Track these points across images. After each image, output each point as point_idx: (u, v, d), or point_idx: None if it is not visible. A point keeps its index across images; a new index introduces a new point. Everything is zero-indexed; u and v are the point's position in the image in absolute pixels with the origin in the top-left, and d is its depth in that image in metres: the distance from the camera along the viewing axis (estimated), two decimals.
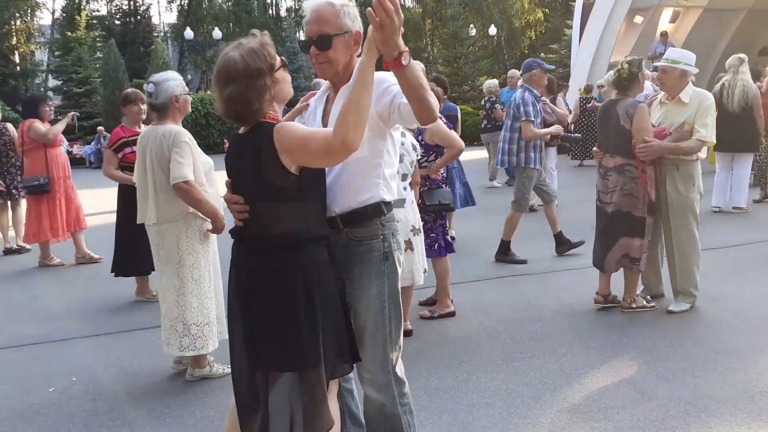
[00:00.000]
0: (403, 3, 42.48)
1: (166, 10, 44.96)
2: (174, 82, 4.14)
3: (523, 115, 6.58)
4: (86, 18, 31.76)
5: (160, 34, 36.19)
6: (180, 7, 41.98)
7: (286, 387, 2.43)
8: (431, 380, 4.08)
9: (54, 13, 35.13)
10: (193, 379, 4.24)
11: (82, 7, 33.91)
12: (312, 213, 2.44)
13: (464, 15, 32.13)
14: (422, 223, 5.02)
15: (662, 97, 5.27)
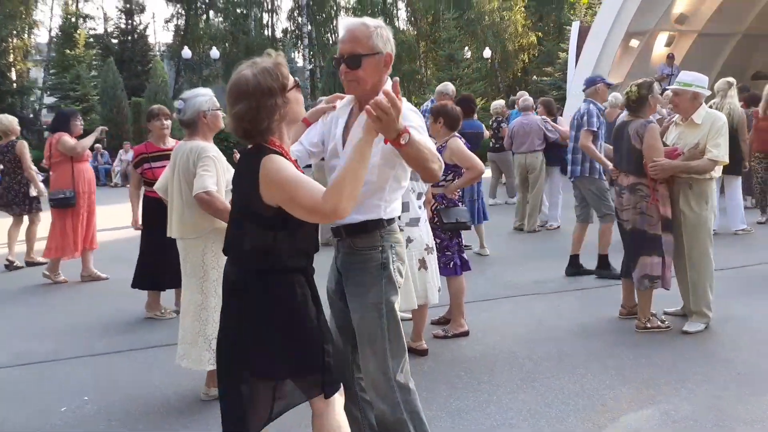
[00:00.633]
0: (398, 26, 42.90)
1: (163, 29, 45.05)
2: (203, 98, 4.13)
3: (585, 124, 6.78)
4: (85, 36, 31.80)
5: (157, 53, 36.21)
6: (176, 27, 42.17)
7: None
8: (451, 401, 4.03)
9: (51, 31, 35.15)
10: (207, 398, 4.18)
11: (79, 26, 33.95)
12: (291, 243, 2.42)
13: (460, 37, 32.36)
14: (438, 240, 5.02)
15: (677, 118, 5.36)
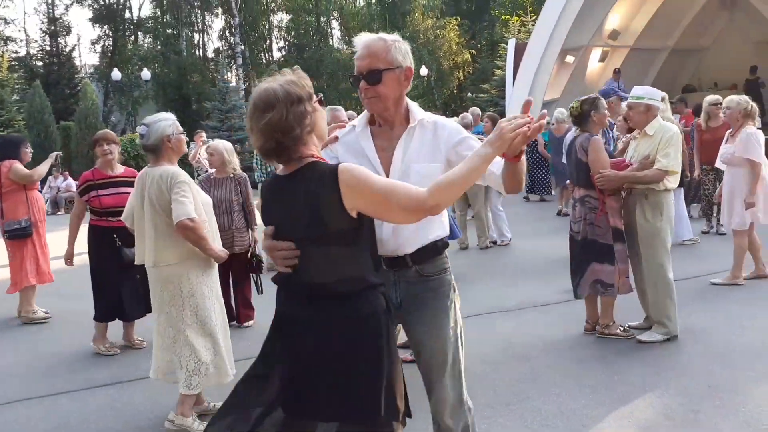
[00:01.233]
0: (332, 44, 42.95)
1: (90, 51, 43.83)
2: (166, 122, 4.04)
3: None
4: (8, 60, 30.65)
5: (85, 75, 35.18)
6: (103, 48, 41.12)
7: None
8: (430, 428, 3.87)
9: None
10: (172, 427, 4.03)
11: (0, 48, 32.74)
12: (367, 259, 2.33)
13: None
14: None
15: (635, 132, 5.45)
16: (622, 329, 5.36)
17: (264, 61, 44.39)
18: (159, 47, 37.11)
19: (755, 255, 6.79)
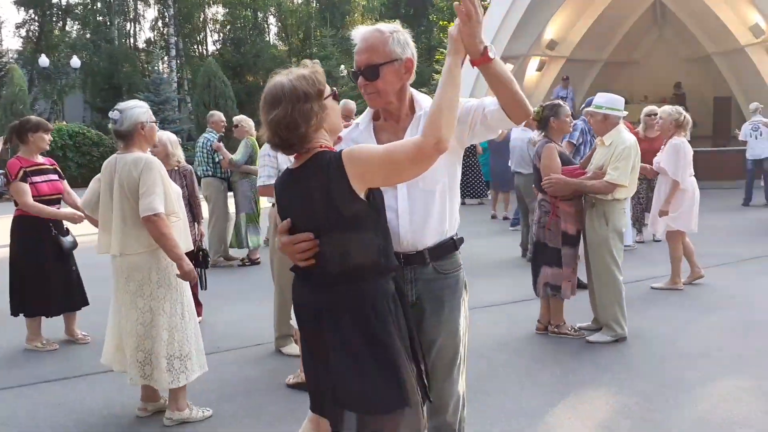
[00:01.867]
0: (268, 39, 42.50)
1: (14, 36, 41.76)
2: (140, 109, 3.93)
3: (567, 137, 6.96)
4: None
5: (11, 60, 33.63)
6: (28, 33, 39.52)
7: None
8: None
9: None
10: (171, 423, 3.95)
11: None
12: (381, 243, 2.31)
13: (337, 55, 32.46)
14: None
15: (598, 139, 5.57)
16: (572, 329, 5.50)
17: (197, 53, 43.59)
18: (88, 35, 35.90)
19: (690, 259, 7.05)
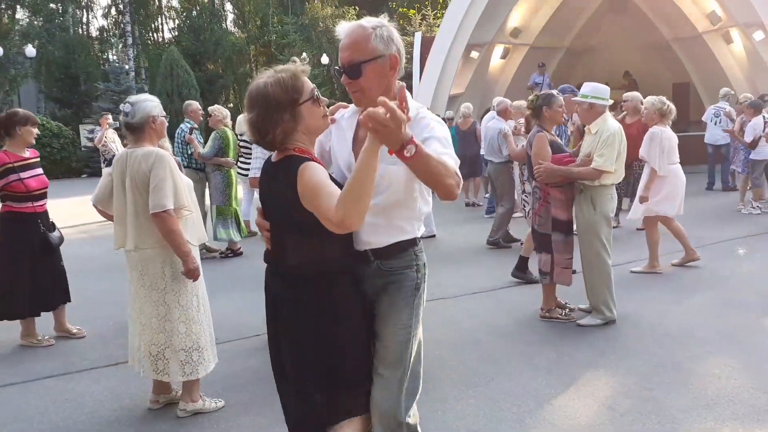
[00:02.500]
0: (225, 26, 41.91)
1: None
2: (151, 103, 3.95)
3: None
4: None
5: None
6: None
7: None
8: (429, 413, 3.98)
9: None
10: (185, 414, 4.00)
11: None
12: (334, 246, 2.43)
13: (299, 43, 32.23)
14: None
15: (587, 127, 5.68)
16: (563, 314, 5.67)
17: (152, 41, 42.80)
18: (41, 23, 34.93)
19: (683, 242, 7.29)
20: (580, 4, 20.23)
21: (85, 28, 41.18)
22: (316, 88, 2.46)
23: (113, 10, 41.51)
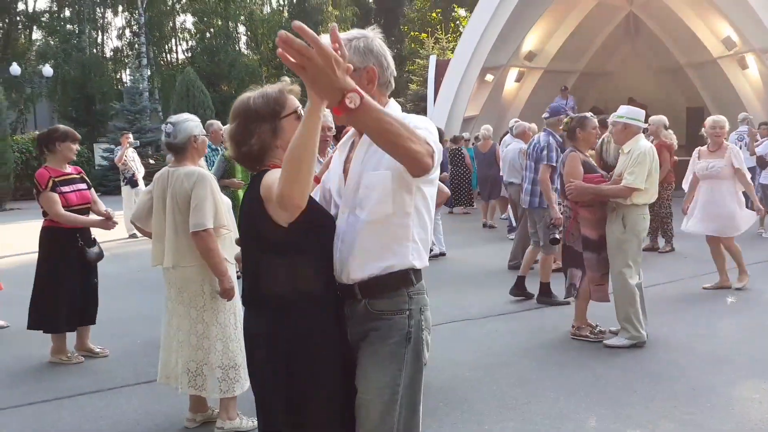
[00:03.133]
0: (238, 48, 42.27)
1: None
2: (192, 122, 4.01)
3: (545, 159, 6.69)
4: None
5: None
6: None
7: None
8: None
9: None
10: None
11: None
12: (310, 271, 2.22)
13: None
14: None
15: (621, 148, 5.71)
16: (591, 333, 5.63)
17: (165, 62, 43.17)
18: (57, 43, 35.32)
19: (722, 265, 7.38)
20: (594, 29, 20.32)
21: (99, 49, 41.67)
22: (302, 109, 2.34)
23: (127, 32, 42.02)
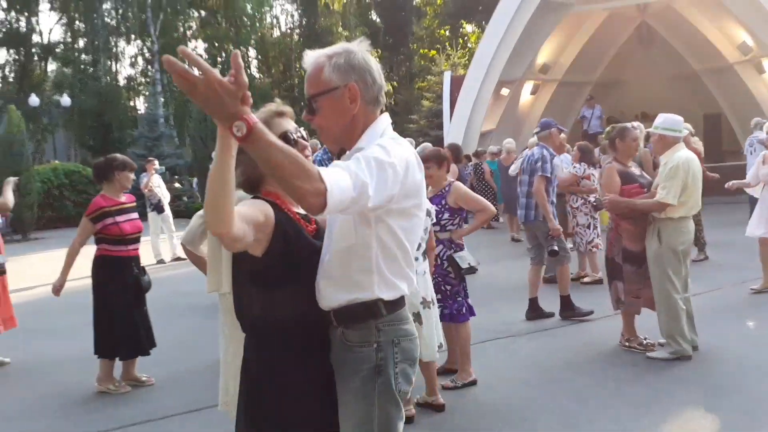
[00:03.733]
0: (250, 72, 42.56)
1: None
2: None
3: (540, 170, 6.62)
4: None
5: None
6: (6, 72, 39.15)
7: None
8: None
9: None
10: None
11: None
12: (286, 299, 2.16)
13: None
14: (448, 287, 4.91)
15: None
16: (639, 345, 5.54)
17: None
18: (73, 73, 35.74)
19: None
20: (607, 39, 20.30)
21: (113, 77, 42.11)
22: (294, 131, 2.30)
23: (140, 59, 42.43)
